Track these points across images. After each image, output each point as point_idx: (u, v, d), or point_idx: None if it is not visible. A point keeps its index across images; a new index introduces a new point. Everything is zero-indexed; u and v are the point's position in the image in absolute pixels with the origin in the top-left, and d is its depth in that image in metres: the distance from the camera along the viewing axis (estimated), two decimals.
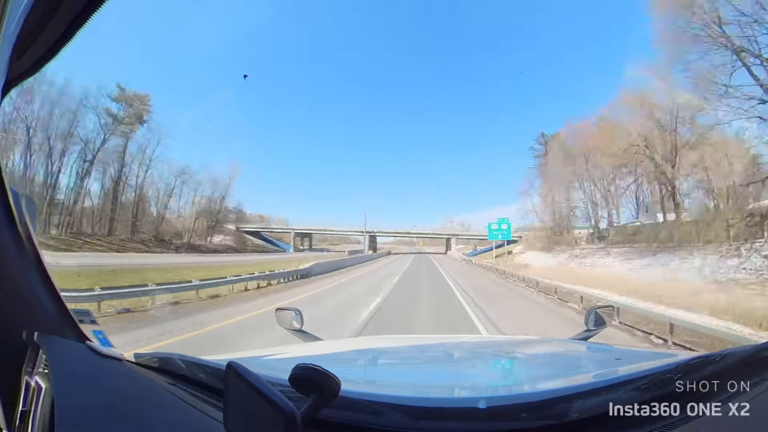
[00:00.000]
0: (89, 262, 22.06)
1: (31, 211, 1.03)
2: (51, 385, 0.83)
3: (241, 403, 0.60)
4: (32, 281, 1.02)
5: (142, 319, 8.80)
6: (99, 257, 25.37)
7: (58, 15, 0.80)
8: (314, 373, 0.61)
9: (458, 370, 1.49)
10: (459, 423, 0.79)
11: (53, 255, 20.29)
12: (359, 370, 1.44)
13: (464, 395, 0.90)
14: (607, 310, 1.95)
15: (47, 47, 0.88)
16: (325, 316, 9.45)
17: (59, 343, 0.98)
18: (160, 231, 36.68)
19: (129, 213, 34.59)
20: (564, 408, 0.78)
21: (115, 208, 33.67)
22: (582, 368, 1.47)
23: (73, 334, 1.09)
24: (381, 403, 0.79)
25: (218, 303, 11.71)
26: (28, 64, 0.92)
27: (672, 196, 22.76)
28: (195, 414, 0.88)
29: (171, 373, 1.08)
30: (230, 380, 0.62)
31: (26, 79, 1.00)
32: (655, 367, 0.93)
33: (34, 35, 0.83)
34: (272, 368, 1.18)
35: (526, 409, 0.79)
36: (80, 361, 0.99)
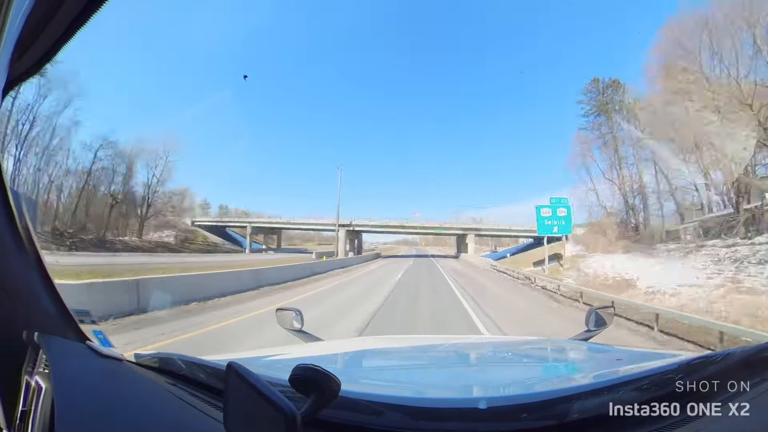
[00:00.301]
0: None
1: (31, 211, 1.03)
2: (51, 385, 0.83)
3: (241, 403, 0.60)
4: (32, 281, 1.02)
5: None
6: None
7: (59, 15, 0.80)
8: (314, 374, 0.61)
9: (459, 371, 1.49)
10: (459, 423, 0.79)
11: None
12: (359, 370, 1.44)
13: (464, 396, 0.90)
14: (608, 310, 1.95)
15: (48, 47, 0.89)
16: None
17: (59, 343, 0.98)
18: (65, 221, 29.29)
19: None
20: (564, 408, 0.78)
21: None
22: (582, 369, 1.47)
23: (74, 334, 1.09)
24: (381, 403, 0.79)
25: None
26: (29, 63, 0.92)
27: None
28: (195, 414, 0.88)
29: (171, 373, 1.09)
30: (230, 380, 0.62)
31: (27, 79, 1.01)
32: (656, 368, 0.93)
33: (35, 35, 0.83)
34: (272, 368, 1.18)
35: (526, 410, 0.79)
36: (80, 361, 0.99)
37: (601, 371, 1.24)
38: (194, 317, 8.41)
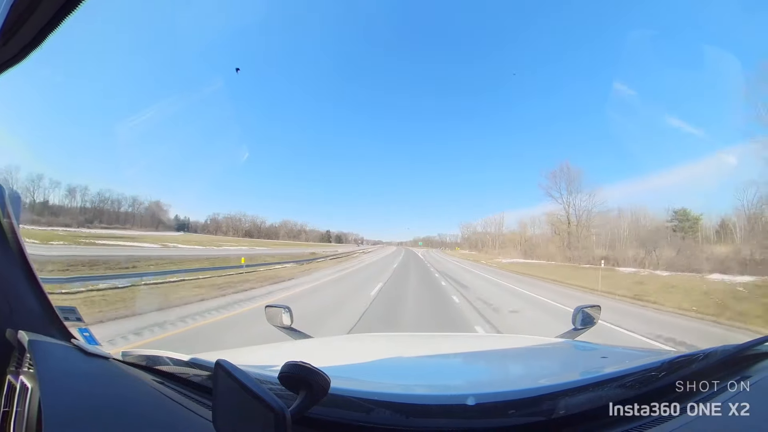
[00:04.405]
0: None
1: (15, 205, 1.00)
2: (38, 385, 0.81)
3: (230, 401, 0.59)
4: (16, 278, 1.00)
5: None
6: None
7: (46, 2, 0.78)
8: (304, 371, 0.61)
9: (448, 368, 1.50)
10: (448, 420, 0.80)
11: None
12: (349, 367, 1.43)
13: (453, 392, 0.91)
14: (594, 309, 1.99)
15: (34, 34, 0.86)
16: None
17: (44, 342, 0.96)
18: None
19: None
20: (551, 405, 0.80)
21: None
22: (569, 366, 1.49)
23: (59, 332, 1.07)
24: (371, 400, 0.80)
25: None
26: (14, 50, 0.89)
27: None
28: (184, 413, 0.87)
29: (159, 371, 1.07)
30: (219, 378, 0.62)
31: (11, 66, 0.98)
32: (640, 365, 0.95)
33: (20, 22, 0.81)
34: (261, 366, 1.17)
35: (514, 406, 0.80)
36: (66, 360, 0.97)
37: (587, 368, 1.27)
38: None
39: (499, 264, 33.38)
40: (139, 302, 9.39)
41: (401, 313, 9.20)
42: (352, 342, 2.25)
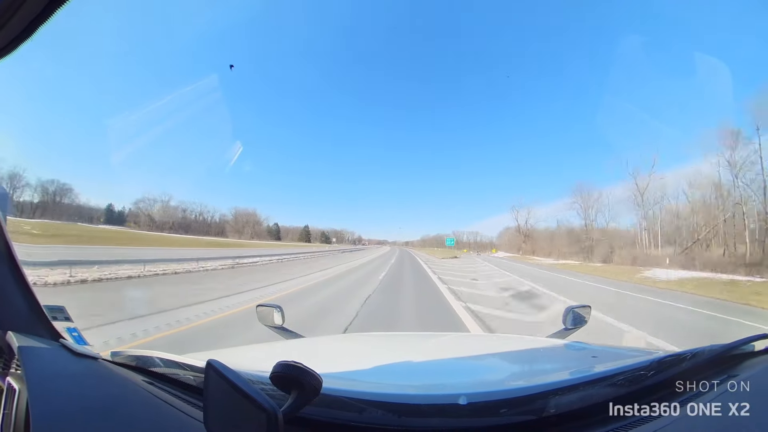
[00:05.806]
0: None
1: (2, 202, 0.98)
2: (25, 386, 0.80)
3: (221, 401, 0.59)
4: (2, 276, 0.98)
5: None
6: None
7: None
8: (296, 371, 0.60)
9: (440, 367, 1.50)
10: (440, 419, 0.80)
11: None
12: (341, 367, 1.43)
13: (445, 392, 0.91)
14: (584, 309, 2.01)
15: (25, 25, 0.84)
16: None
17: (32, 342, 0.94)
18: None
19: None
20: (542, 403, 0.81)
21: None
22: (560, 365, 1.51)
23: (47, 332, 1.05)
24: (363, 400, 0.80)
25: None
26: (5, 41, 0.87)
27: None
28: (175, 414, 0.86)
29: (149, 372, 1.06)
30: (210, 379, 0.61)
31: (3, 56, 0.95)
32: (629, 365, 0.96)
33: (11, 12, 0.79)
34: (253, 366, 1.17)
35: (505, 405, 0.81)
36: (54, 361, 0.95)
37: (577, 368, 1.28)
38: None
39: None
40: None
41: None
42: (344, 342, 2.25)
